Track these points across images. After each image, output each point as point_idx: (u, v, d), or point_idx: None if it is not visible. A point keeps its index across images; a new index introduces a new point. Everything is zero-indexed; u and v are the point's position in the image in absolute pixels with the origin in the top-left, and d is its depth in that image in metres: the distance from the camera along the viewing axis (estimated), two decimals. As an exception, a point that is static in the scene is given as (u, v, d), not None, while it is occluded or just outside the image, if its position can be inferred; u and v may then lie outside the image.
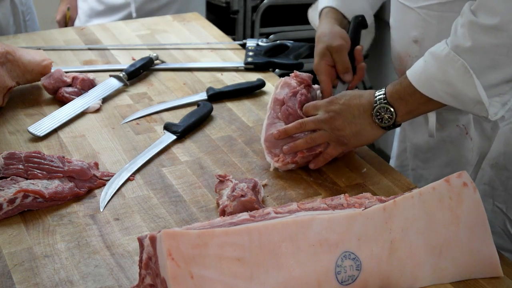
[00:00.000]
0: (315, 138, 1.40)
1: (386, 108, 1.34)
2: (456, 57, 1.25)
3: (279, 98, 1.47)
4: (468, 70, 1.24)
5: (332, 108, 1.39)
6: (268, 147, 1.43)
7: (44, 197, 1.29)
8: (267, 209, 1.12)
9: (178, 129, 1.54)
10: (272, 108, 1.47)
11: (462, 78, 1.25)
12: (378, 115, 1.35)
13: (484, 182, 1.50)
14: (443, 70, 1.27)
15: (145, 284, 1.06)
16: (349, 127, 1.37)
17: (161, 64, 1.88)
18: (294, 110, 1.45)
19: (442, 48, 1.28)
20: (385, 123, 1.35)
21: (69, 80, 1.70)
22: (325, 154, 1.41)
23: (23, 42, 1.99)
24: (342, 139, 1.38)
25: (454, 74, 1.25)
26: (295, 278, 1.05)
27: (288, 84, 1.49)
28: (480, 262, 1.14)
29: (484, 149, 1.49)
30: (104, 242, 1.22)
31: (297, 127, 1.41)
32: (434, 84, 1.28)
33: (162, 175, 1.41)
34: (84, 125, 1.59)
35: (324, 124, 1.39)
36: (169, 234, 1.00)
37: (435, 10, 1.41)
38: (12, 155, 1.35)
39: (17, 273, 1.14)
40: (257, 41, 1.98)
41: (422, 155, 1.62)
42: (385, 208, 1.11)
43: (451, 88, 1.27)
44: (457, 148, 1.53)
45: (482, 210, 1.14)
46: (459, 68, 1.25)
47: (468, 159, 1.51)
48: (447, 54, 1.26)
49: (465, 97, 1.26)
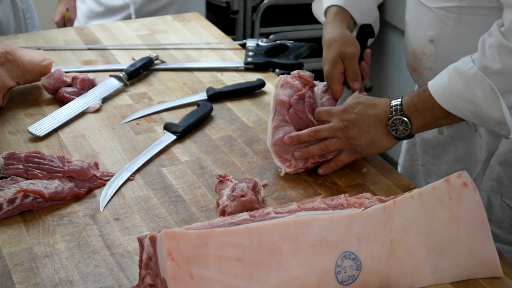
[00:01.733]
0: (329, 145, 1.39)
1: (402, 120, 1.33)
2: (484, 78, 1.24)
3: (283, 99, 1.45)
4: (495, 91, 1.23)
5: (347, 117, 1.38)
6: (277, 152, 1.42)
7: (44, 197, 1.29)
8: (267, 209, 1.12)
9: (178, 129, 1.54)
10: (278, 110, 1.45)
11: (488, 99, 1.24)
12: (393, 126, 1.34)
13: (492, 178, 1.50)
14: (469, 89, 1.26)
15: (145, 284, 1.06)
16: (364, 136, 1.37)
17: (161, 64, 1.88)
18: (304, 114, 1.43)
19: (470, 67, 1.26)
20: (400, 134, 1.35)
21: (69, 80, 1.70)
22: (337, 161, 1.41)
23: (23, 42, 1.99)
24: (356, 147, 1.38)
25: (481, 94, 1.25)
26: (295, 278, 1.05)
27: (291, 85, 1.47)
28: (480, 262, 1.14)
29: (492, 146, 1.49)
30: (104, 242, 1.22)
31: (312, 135, 1.40)
32: (458, 101, 1.27)
33: (162, 175, 1.41)
34: (84, 125, 1.59)
35: (338, 132, 1.38)
36: (169, 234, 1.00)
37: (452, 12, 1.40)
38: (12, 155, 1.35)
39: (17, 273, 1.14)
40: (257, 41, 1.98)
41: (431, 150, 1.63)
42: (385, 208, 1.11)
43: (476, 107, 1.26)
44: (466, 144, 1.53)
45: (482, 210, 1.14)
46: (486, 89, 1.24)
47: (477, 156, 1.51)
48: (474, 74, 1.25)
49: (488, 117, 1.26)
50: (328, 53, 1.51)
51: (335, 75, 1.50)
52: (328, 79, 1.51)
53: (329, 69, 1.50)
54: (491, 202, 1.52)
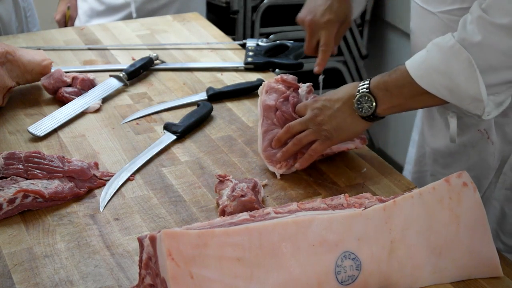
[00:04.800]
0: (301, 138, 1.39)
1: (367, 97, 1.31)
2: (462, 50, 1.22)
3: (270, 104, 1.46)
4: (473, 64, 1.21)
5: (315, 105, 1.39)
6: (268, 157, 1.43)
7: (44, 197, 1.29)
8: (267, 209, 1.12)
9: (178, 129, 1.54)
10: (265, 115, 1.46)
11: (465, 72, 1.22)
12: (359, 103, 1.33)
13: (506, 187, 1.47)
14: (446, 61, 1.24)
15: (145, 284, 1.06)
16: (330, 121, 1.36)
17: (161, 64, 1.88)
18: (289, 114, 1.44)
19: (448, 39, 1.25)
20: (365, 112, 1.32)
21: (69, 80, 1.70)
22: (310, 151, 1.40)
23: (23, 42, 1.99)
24: (325, 133, 1.37)
25: (457, 67, 1.22)
26: (295, 278, 1.05)
27: (275, 89, 1.48)
28: (480, 262, 1.14)
29: (505, 153, 1.46)
30: (104, 242, 1.22)
31: (286, 131, 1.41)
32: (433, 75, 1.25)
33: (162, 175, 1.41)
34: (84, 125, 1.59)
35: (309, 122, 1.38)
36: (169, 234, 1.00)
37: (456, 15, 1.37)
38: (12, 155, 1.35)
39: (17, 273, 1.14)
40: (257, 41, 1.98)
41: (442, 160, 1.59)
42: (385, 208, 1.11)
43: (451, 82, 1.24)
44: (479, 152, 1.50)
45: (482, 210, 1.14)
46: (463, 62, 1.22)
47: (489, 164, 1.48)
48: (452, 45, 1.23)
49: (463, 92, 1.24)
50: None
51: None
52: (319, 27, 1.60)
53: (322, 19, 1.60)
54: (505, 212, 1.49)
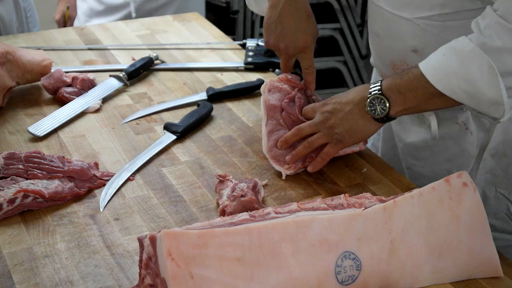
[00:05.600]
0: (312, 141, 1.39)
1: (380, 99, 1.31)
2: (482, 54, 1.21)
3: (274, 104, 1.45)
4: (494, 68, 1.21)
5: (325, 108, 1.38)
6: (274, 156, 1.42)
7: (44, 197, 1.29)
8: (267, 209, 1.12)
9: (178, 129, 1.54)
10: (270, 115, 1.45)
11: (485, 76, 1.22)
12: (371, 105, 1.32)
13: (485, 171, 1.50)
14: (465, 66, 1.23)
15: (145, 284, 1.06)
16: (342, 124, 1.36)
17: (161, 64, 1.88)
18: (296, 116, 1.44)
19: (466, 43, 1.24)
20: (378, 114, 1.32)
21: (69, 80, 1.70)
22: (323, 154, 1.40)
23: (23, 42, 1.99)
24: (336, 136, 1.37)
25: (478, 71, 1.22)
26: (295, 278, 1.05)
27: (279, 88, 1.47)
28: (480, 262, 1.14)
29: (484, 140, 1.48)
30: (104, 242, 1.22)
31: (295, 133, 1.40)
32: (452, 80, 1.24)
33: (162, 175, 1.41)
34: (84, 125, 1.59)
35: (319, 125, 1.38)
36: (169, 234, 1.00)
37: (436, 20, 1.38)
38: (12, 155, 1.35)
39: (17, 273, 1.14)
40: (257, 41, 1.98)
41: (417, 153, 1.60)
42: (385, 208, 1.11)
43: (471, 86, 1.23)
44: (458, 143, 1.51)
45: (482, 210, 1.14)
46: (483, 66, 1.21)
47: (469, 152, 1.50)
48: (472, 50, 1.23)
49: (483, 96, 1.23)
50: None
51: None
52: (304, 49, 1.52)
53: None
54: (486, 194, 1.51)
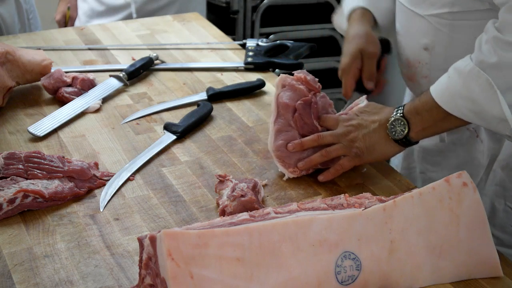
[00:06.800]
0: (331, 151, 1.38)
1: (400, 120, 1.33)
2: (481, 73, 1.23)
3: (288, 103, 1.41)
4: (492, 85, 1.22)
5: (351, 122, 1.38)
6: (280, 157, 1.40)
7: (44, 197, 1.29)
8: (267, 209, 1.12)
9: (178, 129, 1.54)
10: (281, 113, 1.42)
11: (486, 94, 1.22)
12: (392, 127, 1.34)
13: (495, 183, 1.49)
14: (467, 86, 1.24)
15: (145, 284, 1.06)
16: (364, 139, 1.36)
17: (161, 64, 1.88)
18: (310, 120, 1.42)
19: (466, 63, 1.25)
20: (397, 135, 1.33)
21: (69, 80, 1.70)
22: (337, 166, 1.39)
23: (23, 42, 1.99)
24: (356, 151, 1.37)
25: (478, 90, 1.23)
26: (295, 278, 1.05)
27: (294, 88, 1.42)
28: (480, 262, 1.14)
29: (494, 151, 1.48)
30: (104, 242, 1.22)
31: (315, 139, 1.39)
32: (457, 100, 1.26)
33: (162, 175, 1.41)
34: (84, 125, 1.59)
35: (341, 137, 1.38)
36: (169, 234, 1.00)
37: (446, 19, 1.39)
38: (12, 155, 1.35)
39: (17, 273, 1.14)
40: (257, 41, 1.98)
41: (431, 158, 1.60)
42: (385, 208, 1.11)
43: (475, 105, 1.24)
44: (468, 150, 1.51)
45: (482, 210, 1.14)
46: (483, 84, 1.23)
47: (479, 161, 1.50)
48: (471, 69, 1.24)
49: (488, 114, 1.24)
50: (349, 47, 1.51)
51: (352, 69, 1.50)
52: (344, 72, 1.52)
53: (348, 62, 1.51)
54: (495, 206, 1.50)
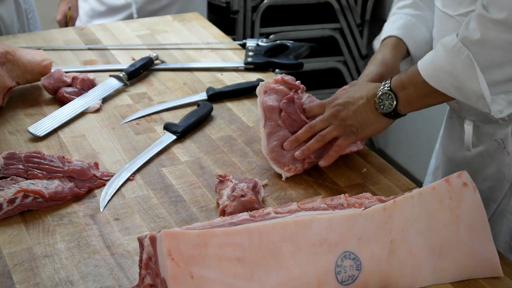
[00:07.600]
0: (324, 134, 1.40)
1: (388, 94, 1.34)
2: (463, 48, 1.24)
3: (272, 105, 1.44)
4: (473, 62, 1.23)
5: (337, 102, 1.40)
6: (274, 158, 1.41)
7: (44, 197, 1.29)
8: (267, 209, 1.12)
9: (178, 129, 1.54)
10: (268, 117, 1.44)
11: (466, 70, 1.24)
12: (380, 101, 1.35)
13: None
14: (450, 61, 1.26)
15: (145, 284, 1.06)
16: (355, 116, 1.37)
17: (161, 64, 1.88)
18: (297, 116, 1.44)
19: (451, 39, 1.27)
20: (385, 109, 1.35)
21: (69, 80, 1.70)
22: (335, 147, 1.40)
23: (23, 42, 1.99)
24: (350, 128, 1.38)
25: (460, 65, 1.25)
26: (295, 278, 1.05)
27: (276, 90, 1.46)
28: (480, 262, 1.14)
29: None
30: (104, 242, 1.22)
31: (308, 130, 1.41)
32: (440, 75, 1.28)
33: (162, 175, 1.41)
34: (84, 125, 1.59)
35: (332, 119, 1.39)
36: (169, 234, 1.00)
37: None
38: (12, 155, 1.35)
39: (17, 273, 1.14)
40: (257, 41, 1.98)
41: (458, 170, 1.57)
42: (385, 208, 1.11)
43: (456, 80, 1.26)
44: (495, 163, 1.48)
45: (482, 210, 1.14)
46: (464, 60, 1.24)
47: (505, 175, 1.46)
48: (454, 45, 1.26)
49: (468, 90, 1.26)
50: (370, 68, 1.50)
51: None
52: None
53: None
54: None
